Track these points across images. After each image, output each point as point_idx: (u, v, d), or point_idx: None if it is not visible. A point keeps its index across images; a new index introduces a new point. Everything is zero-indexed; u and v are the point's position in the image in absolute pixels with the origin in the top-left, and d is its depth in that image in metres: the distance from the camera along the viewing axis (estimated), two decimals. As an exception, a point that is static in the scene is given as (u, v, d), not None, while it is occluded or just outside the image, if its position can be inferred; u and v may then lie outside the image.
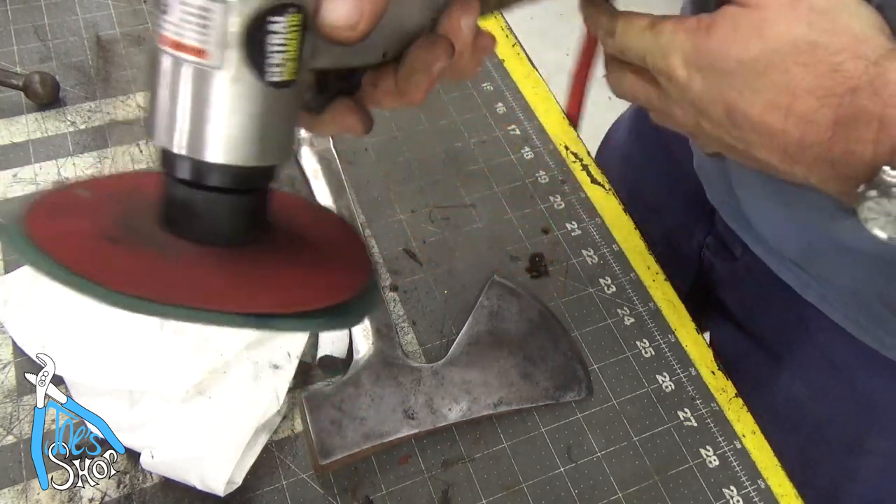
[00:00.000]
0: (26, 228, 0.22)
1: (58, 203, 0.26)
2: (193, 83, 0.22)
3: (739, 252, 0.55)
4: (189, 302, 0.21)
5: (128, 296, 0.21)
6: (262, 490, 0.43)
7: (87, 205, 0.27)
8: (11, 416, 0.44)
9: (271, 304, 0.23)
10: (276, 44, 0.22)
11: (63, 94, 0.58)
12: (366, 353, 0.46)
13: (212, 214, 0.24)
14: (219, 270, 0.24)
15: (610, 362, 0.50)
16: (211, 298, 0.22)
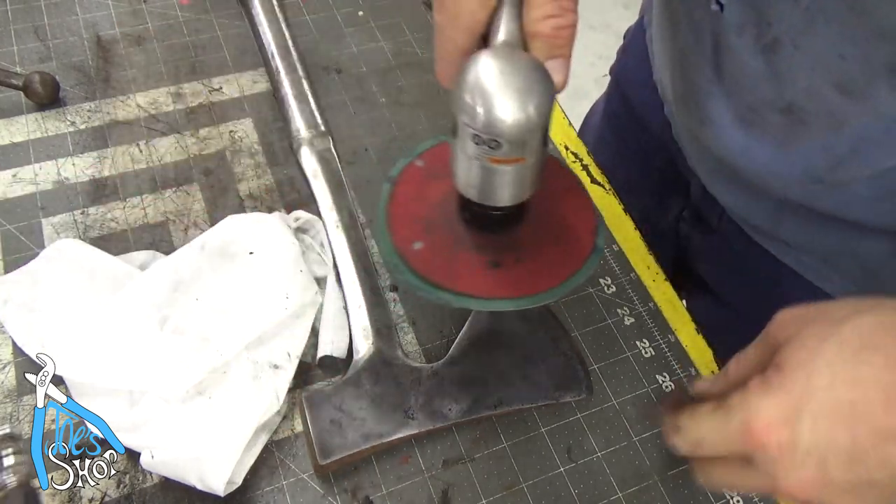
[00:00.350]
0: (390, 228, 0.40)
1: (407, 182, 0.42)
2: (511, 174, 0.35)
3: (716, 223, 0.56)
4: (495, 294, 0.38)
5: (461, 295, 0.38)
6: (262, 490, 0.43)
7: (422, 180, 0.42)
8: (11, 416, 0.44)
9: (552, 281, 0.39)
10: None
11: (63, 94, 0.58)
12: (366, 353, 0.46)
13: (497, 220, 0.40)
14: (512, 269, 0.39)
15: (610, 362, 0.50)
16: (493, 290, 0.38)
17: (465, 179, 0.36)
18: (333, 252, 0.51)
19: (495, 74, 0.31)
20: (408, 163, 0.43)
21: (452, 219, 0.40)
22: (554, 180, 0.43)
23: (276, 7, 0.64)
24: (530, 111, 0.31)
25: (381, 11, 0.69)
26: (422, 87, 0.64)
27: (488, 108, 0.31)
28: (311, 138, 0.57)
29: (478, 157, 0.33)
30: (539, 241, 0.40)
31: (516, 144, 0.32)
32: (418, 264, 0.39)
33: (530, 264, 0.39)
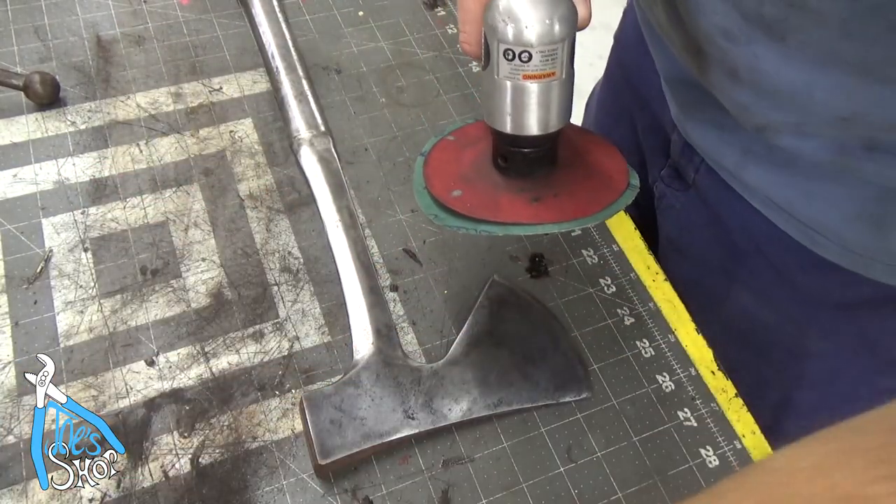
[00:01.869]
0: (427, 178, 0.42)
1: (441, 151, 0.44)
2: (544, 92, 0.37)
3: (692, 177, 0.56)
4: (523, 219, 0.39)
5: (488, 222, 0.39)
6: (261, 490, 0.43)
7: (455, 149, 0.44)
8: (11, 416, 0.44)
9: (593, 209, 0.41)
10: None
11: (63, 94, 0.58)
12: (366, 353, 0.46)
13: (532, 159, 0.41)
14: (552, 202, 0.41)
15: (610, 362, 0.50)
16: (538, 216, 0.39)
17: (499, 109, 0.38)
18: (333, 252, 0.51)
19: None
20: (439, 139, 0.45)
21: (487, 172, 0.42)
22: (580, 138, 0.45)
23: (276, 7, 0.64)
24: (557, 20, 0.35)
25: (380, 11, 0.69)
26: (422, 87, 0.64)
27: (518, 19, 0.35)
28: (311, 138, 0.57)
29: (510, 76, 0.36)
30: (574, 181, 0.42)
31: (546, 55, 0.35)
32: (461, 207, 0.40)
33: (569, 198, 0.41)
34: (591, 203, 0.41)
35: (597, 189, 0.42)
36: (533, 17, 0.35)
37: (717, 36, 0.42)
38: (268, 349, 0.48)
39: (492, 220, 0.40)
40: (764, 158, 0.49)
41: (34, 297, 0.48)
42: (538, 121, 0.38)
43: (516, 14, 0.35)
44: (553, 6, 0.35)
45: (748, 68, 0.42)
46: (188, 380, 0.46)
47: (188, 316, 0.49)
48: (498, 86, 0.37)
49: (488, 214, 0.40)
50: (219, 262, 0.51)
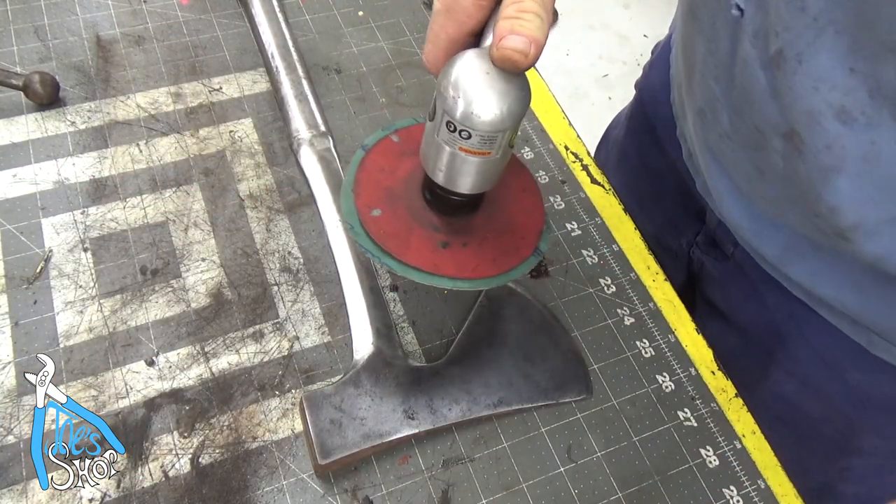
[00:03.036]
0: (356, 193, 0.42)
1: (380, 153, 0.44)
2: (476, 164, 0.37)
3: (731, 250, 0.55)
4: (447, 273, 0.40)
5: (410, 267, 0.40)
6: (262, 490, 0.43)
7: (394, 155, 0.44)
8: (11, 416, 0.44)
9: (491, 271, 0.41)
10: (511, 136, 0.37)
11: (63, 94, 0.58)
12: (366, 353, 0.46)
13: (455, 205, 0.41)
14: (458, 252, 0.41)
15: (610, 362, 0.50)
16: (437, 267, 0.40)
17: (433, 162, 0.38)
18: (333, 252, 0.51)
19: (480, 74, 0.34)
20: (384, 136, 0.45)
21: (414, 195, 0.43)
22: (514, 178, 0.45)
23: (276, 7, 0.64)
24: (504, 113, 0.34)
25: (380, 11, 0.69)
26: (422, 87, 0.64)
27: (468, 101, 0.34)
28: (311, 138, 0.57)
29: (448, 143, 0.36)
30: (487, 231, 0.43)
31: (486, 139, 0.35)
32: (374, 230, 0.41)
33: (475, 250, 0.42)
34: (493, 262, 0.42)
35: (505, 248, 0.43)
36: (483, 102, 0.34)
37: (827, 118, 0.36)
38: (268, 349, 0.48)
39: (395, 257, 0.40)
40: (810, 255, 0.46)
41: (34, 297, 0.48)
42: (469, 184, 0.38)
43: (468, 95, 0.34)
44: (506, 95, 0.34)
45: (859, 157, 0.36)
46: (188, 380, 0.46)
47: (188, 316, 0.49)
48: (436, 144, 0.37)
49: (394, 249, 0.41)
50: (219, 262, 0.51)
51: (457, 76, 0.34)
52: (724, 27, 0.41)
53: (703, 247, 0.59)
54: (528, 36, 0.33)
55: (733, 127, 0.44)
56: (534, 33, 0.33)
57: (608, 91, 2.00)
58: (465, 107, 0.34)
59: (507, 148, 0.37)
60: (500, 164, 0.38)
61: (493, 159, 0.37)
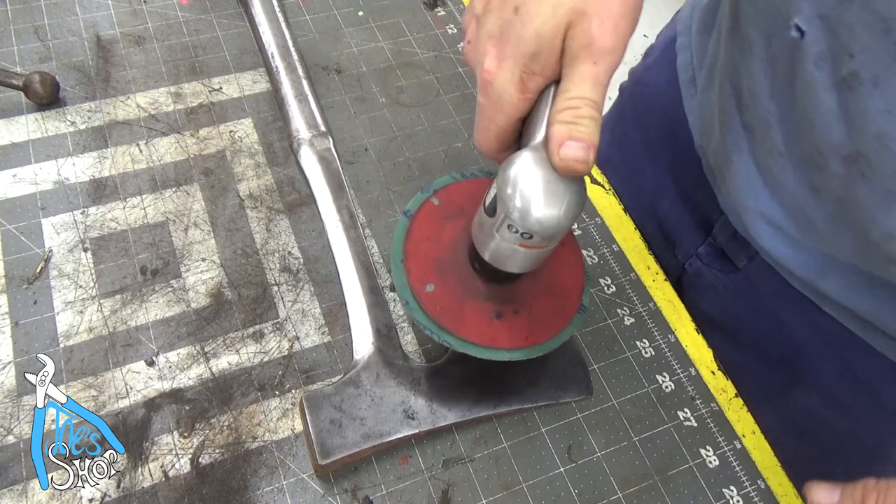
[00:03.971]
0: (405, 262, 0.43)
1: (424, 218, 0.45)
2: (533, 254, 0.37)
3: (744, 263, 0.54)
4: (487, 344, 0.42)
5: (461, 339, 0.41)
6: (261, 490, 0.43)
7: (437, 219, 0.45)
8: (11, 416, 0.44)
9: (543, 337, 0.43)
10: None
11: (63, 94, 0.58)
12: (366, 353, 0.46)
13: (504, 277, 0.41)
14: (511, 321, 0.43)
15: (610, 362, 0.50)
16: (494, 340, 0.42)
17: (487, 248, 0.39)
18: (333, 252, 0.51)
19: (541, 182, 0.34)
20: (425, 199, 0.46)
21: (462, 263, 0.43)
22: None
23: (276, 7, 0.64)
24: (566, 216, 0.35)
25: (380, 11, 0.69)
26: (422, 87, 0.64)
27: (528, 209, 0.34)
28: (311, 138, 0.57)
29: (508, 240, 0.37)
30: (535, 295, 0.44)
31: (547, 238, 0.36)
32: (429, 306, 0.42)
33: (525, 318, 0.43)
34: (544, 327, 0.43)
35: (552, 311, 0.44)
36: (546, 210, 0.34)
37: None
38: (268, 349, 0.48)
39: (453, 333, 0.41)
40: (850, 270, 0.45)
41: (34, 297, 0.48)
42: (519, 266, 0.39)
43: (531, 203, 0.34)
44: (566, 200, 0.34)
45: None
46: (188, 380, 0.46)
47: (188, 316, 0.49)
48: (494, 236, 0.37)
49: (451, 325, 0.42)
50: (219, 262, 0.51)
51: (517, 183, 0.34)
52: (782, 48, 0.41)
53: (706, 259, 0.58)
54: (586, 141, 0.33)
55: (788, 146, 0.43)
56: (591, 137, 0.33)
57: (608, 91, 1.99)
58: (529, 214, 0.34)
59: (560, 237, 0.38)
60: (553, 250, 0.39)
61: (549, 249, 0.38)
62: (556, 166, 0.33)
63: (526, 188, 0.34)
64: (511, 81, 0.35)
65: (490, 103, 0.37)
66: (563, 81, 0.34)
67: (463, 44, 0.39)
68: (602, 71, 0.34)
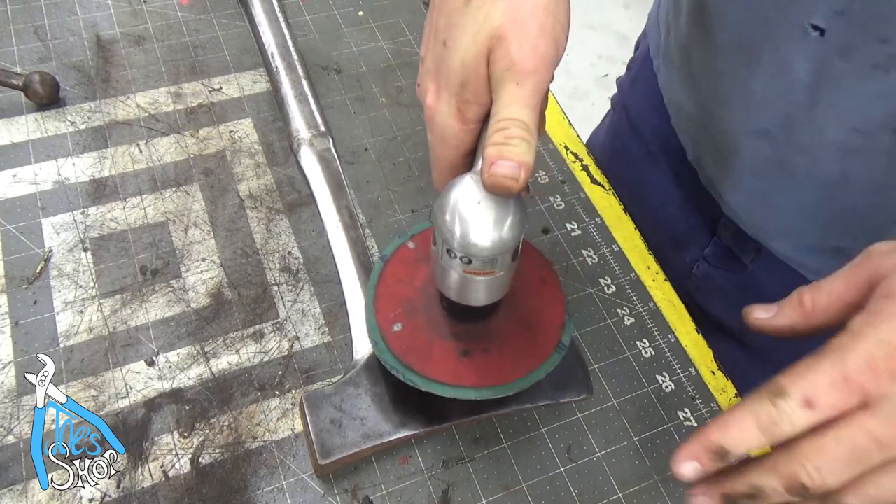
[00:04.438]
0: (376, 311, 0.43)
1: (397, 263, 0.45)
2: (483, 282, 0.37)
3: (750, 258, 0.54)
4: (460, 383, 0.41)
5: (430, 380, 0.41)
6: (261, 490, 0.43)
7: (411, 263, 0.45)
8: (11, 416, 0.44)
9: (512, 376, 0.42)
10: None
11: (63, 94, 0.58)
12: (366, 353, 0.46)
13: (472, 313, 0.41)
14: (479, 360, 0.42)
15: (610, 362, 0.50)
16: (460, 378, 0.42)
17: (441, 281, 0.39)
18: (333, 252, 0.51)
19: (472, 203, 0.34)
20: (400, 244, 0.46)
21: (432, 303, 0.43)
22: (531, 269, 0.45)
23: (276, 7, 0.64)
24: (500, 239, 0.34)
25: (380, 11, 0.69)
26: (422, 87, 0.64)
27: (463, 232, 0.34)
28: (311, 138, 0.57)
29: (452, 267, 0.37)
30: (508, 332, 0.43)
31: (487, 262, 0.36)
32: (396, 345, 0.42)
33: (496, 356, 0.43)
34: (514, 367, 0.42)
35: (526, 349, 0.43)
36: (478, 230, 0.34)
37: None
38: (268, 349, 0.48)
39: (417, 372, 0.41)
40: None
41: (34, 297, 0.48)
42: (480, 298, 0.39)
43: (463, 223, 0.34)
44: (501, 223, 0.34)
45: None
46: (188, 380, 0.46)
47: (188, 316, 0.49)
48: (442, 267, 0.37)
49: (416, 363, 0.41)
50: (219, 262, 0.51)
51: (452, 206, 0.34)
52: (795, 51, 0.41)
53: (713, 259, 0.58)
54: (516, 160, 0.33)
55: (816, 138, 0.43)
56: (522, 157, 0.33)
57: (608, 91, 1.99)
58: (462, 235, 0.34)
59: (510, 263, 0.37)
60: (507, 277, 0.38)
61: (498, 276, 0.37)
62: (486, 184, 0.33)
63: (461, 209, 0.34)
64: (450, 114, 0.36)
65: (436, 138, 0.38)
66: (493, 105, 0.35)
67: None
68: (528, 93, 0.34)
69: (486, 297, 0.39)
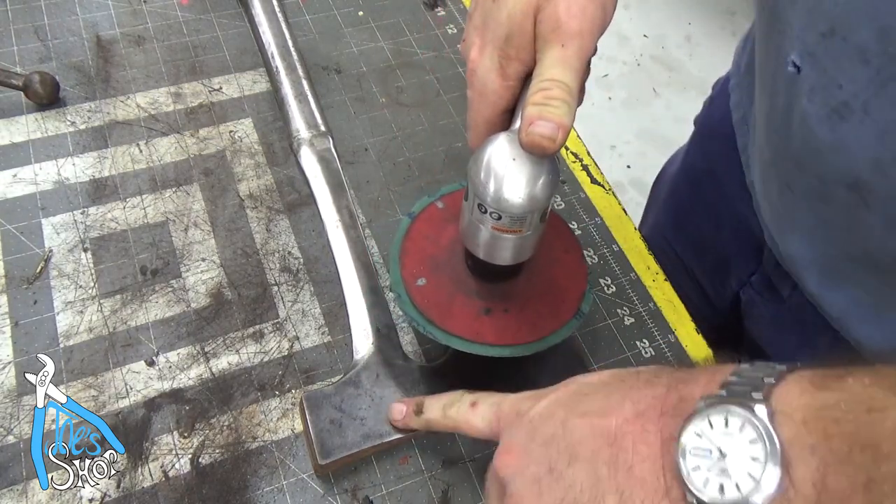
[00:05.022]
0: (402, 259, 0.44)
1: (425, 220, 0.46)
2: (511, 241, 0.38)
3: (787, 293, 0.54)
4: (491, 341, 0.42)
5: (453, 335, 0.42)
6: (261, 490, 0.43)
7: (438, 221, 0.46)
8: (11, 416, 0.44)
9: (530, 337, 0.43)
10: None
11: (63, 94, 0.58)
12: (366, 353, 0.46)
13: (496, 273, 0.42)
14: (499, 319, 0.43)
15: (610, 362, 0.50)
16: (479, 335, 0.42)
17: (470, 238, 0.40)
18: (333, 252, 0.51)
19: (507, 160, 0.35)
20: (429, 202, 0.47)
21: (457, 262, 0.44)
22: (556, 239, 0.46)
23: (276, 7, 0.64)
24: (532, 197, 0.35)
25: (380, 11, 0.69)
26: (422, 87, 0.64)
27: (496, 187, 0.35)
28: (311, 138, 0.57)
29: (482, 222, 0.37)
30: (529, 295, 0.44)
31: (517, 220, 0.36)
32: (419, 299, 0.43)
33: (516, 316, 0.43)
34: (533, 328, 0.43)
35: (545, 313, 0.44)
36: (511, 187, 0.35)
37: (893, 166, 0.36)
38: (268, 349, 0.48)
39: (438, 325, 0.42)
40: (872, 318, 0.45)
41: (34, 297, 0.48)
42: (506, 257, 0.39)
43: (497, 179, 0.35)
44: (533, 179, 0.35)
45: None
46: (188, 380, 0.46)
47: (188, 316, 0.49)
48: (471, 222, 0.38)
49: (437, 318, 0.42)
50: (219, 262, 0.51)
51: (486, 161, 0.35)
52: (781, 83, 0.42)
53: (758, 287, 0.57)
54: (555, 121, 0.33)
55: (795, 179, 0.44)
56: (562, 118, 0.33)
57: (608, 91, 1.99)
58: (495, 191, 0.35)
59: (538, 224, 0.38)
60: (534, 238, 0.39)
61: (526, 235, 0.38)
62: (524, 143, 0.34)
63: (494, 166, 0.35)
64: (492, 69, 0.36)
65: (475, 93, 0.38)
66: (536, 66, 0.35)
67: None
68: (571, 54, 0.34)
69: (511, 256, 0.39)
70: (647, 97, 2.00)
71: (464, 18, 0.69)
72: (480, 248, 0.39)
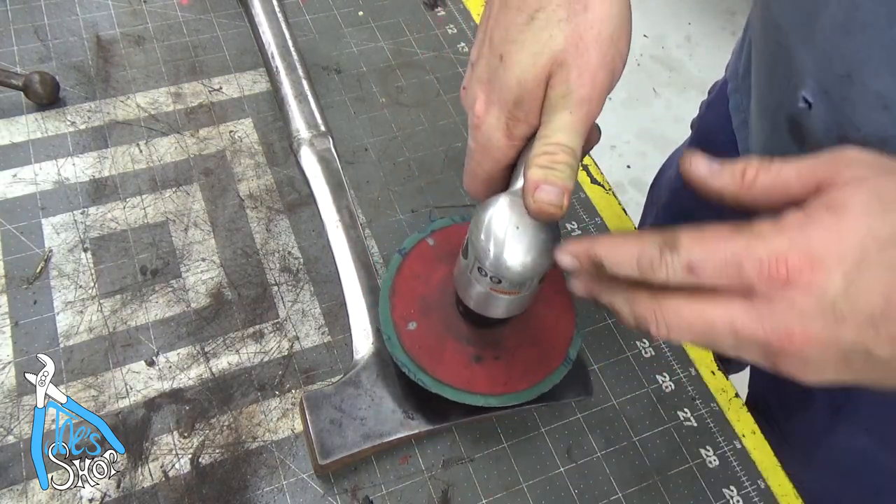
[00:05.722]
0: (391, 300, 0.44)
1: (416, 258, 0.46)
2: (507, 300, 0.38)
3: None
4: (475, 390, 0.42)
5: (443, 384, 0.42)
6: (261, 490, 0.43)
7: (429, 260, 0.46)
8: (11, 416, 0.44)
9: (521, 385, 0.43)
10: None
11: (63, 94, 0.58)
12: (366, 353, 0.46)
13: (487, 323, 0.42)
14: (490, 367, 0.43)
15: (610, 362, 0.50)
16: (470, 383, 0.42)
17: (464, 290, 0.39)
18: (333, 252, 0.51)
19: (509, 225, 0.35)
20: (420, 238, 0.46)
21: (448, 304, 0.44)
22: (546, 281, 0.45)
23: (276, 7, 0.64)
24: (534, 263, 0.35)
25: (380, 11, 0.69)
26: (422, 87, 0.64)
27: (498, 253, 0.34)
28: (311, 138, 0.57)
29: (480, 283, 0.37)
30: (520, 341, 0.44)
31: (516, 284, 0.36)
32: (409, 344, 0.43)
33: (506, 364, 0.43)
34: (524, 376, 0.43)
35: (535, 359, 0.44)
36: (513, 255, 0.34)
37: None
38: (268, 349, 0.48)
39: (429, 373, 0.42)
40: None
41: (34, 297, 0.48)
42: (500, 312, 0.39)
43: (499, 246, 0.34)
44: (535, 246, 0.35)
45: None
46: (188, 380, 0.46)
47: (188, 316, 0.49)
48: (468, 279, 0.38)
49: (428, 365, 0.42)
50: (219, 262, 0.51)
51: (488, 226, 0.35)
52: (787, 117, 0.42)
53: None
54: (560, 185, 0.33)
55: None
56: (566, 182, 0.33)
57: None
58: (496, 258, 0.34)
59: (536, 286, 0.38)
60: (530, 297, 0.39)
61: (524, 296, 0.38)
62: (530, 209, 0.33)
63: (498, 231, 0.34)
64: (498, 128, 0.36)
65: (479, 147, 0.38)
66: (541, 128, 0.35)
67: (462, 85, 0.40)
68: (578, 120, 0.34)
69: (505, 312, 0.39)
70: (647, 97, 2.00)
71: (464, 18, 0.69)
72: (473, 302, 0.39)
